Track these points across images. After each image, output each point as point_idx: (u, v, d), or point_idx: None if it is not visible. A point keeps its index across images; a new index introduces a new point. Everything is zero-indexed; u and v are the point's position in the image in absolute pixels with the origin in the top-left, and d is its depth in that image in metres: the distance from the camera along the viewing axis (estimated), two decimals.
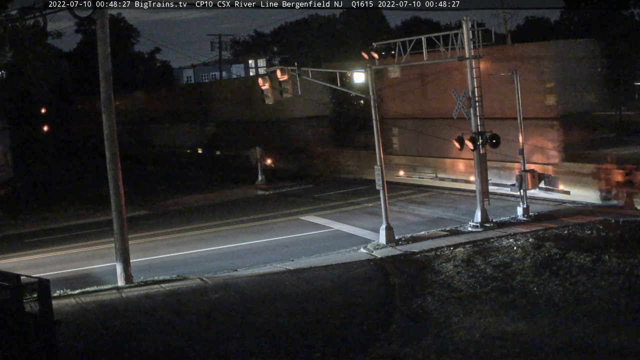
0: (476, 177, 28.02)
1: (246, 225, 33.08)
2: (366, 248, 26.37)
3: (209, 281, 23.28)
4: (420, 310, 19.19)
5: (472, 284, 20.74)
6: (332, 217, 33.03)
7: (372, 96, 27.32)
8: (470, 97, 27.41)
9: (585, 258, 21.71)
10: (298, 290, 21.65)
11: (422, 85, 39.05)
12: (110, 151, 23.94)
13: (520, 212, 28.78)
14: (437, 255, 24.42)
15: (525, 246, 23.97)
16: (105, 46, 23.66)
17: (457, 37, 27.40)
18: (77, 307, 21.11)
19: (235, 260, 26.48)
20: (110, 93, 23.85)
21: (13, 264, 27.37)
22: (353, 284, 22.02)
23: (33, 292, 17.08)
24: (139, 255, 26.67)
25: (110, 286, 23.44)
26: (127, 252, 24.02)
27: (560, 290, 19.41)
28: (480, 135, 27.36)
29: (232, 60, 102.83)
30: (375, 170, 27.36)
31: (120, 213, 24.09)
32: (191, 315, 19.81)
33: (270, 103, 30.16)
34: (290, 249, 27.48)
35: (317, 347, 17.03)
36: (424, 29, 71.45)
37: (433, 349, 16.15)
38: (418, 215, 32.08)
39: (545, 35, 62.32)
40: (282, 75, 28.78)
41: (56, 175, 57.61)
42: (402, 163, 40.04)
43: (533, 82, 32.95)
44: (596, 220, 26.98)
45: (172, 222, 34.97)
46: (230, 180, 47.51)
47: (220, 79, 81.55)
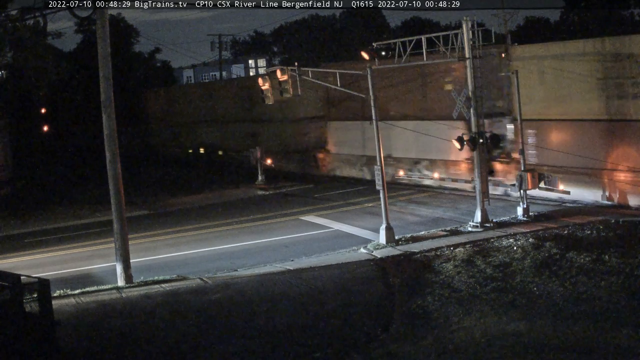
0: (476, 177, 28.03)
1: (246, 225, 33.08)
2: (366, 248, 26.37)
3: (209, 281, 23.28)
4: (420, 310, 19.18)
5: (472, 284, 20.73)
6: (332, 217, 33.04)
7: (372, 96, 27.31)
8: (470, 97, 27.42)
9: (585, 258, 21.70)
10: (298, 290, 21.65)
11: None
12: (110, 151, 23.94)
13: (520, 212, 28.78)
14: (437, 255, 24.41)
15: (525, 246, 23.97)
16: (105, 46, 23.67)
17: (457, 37, 27.40)
18: (77, 307, 21.12)
19: (235, 260, 26.48)
20: (110, 93, 23.86)
21: (13, 264, 27.38)
22: (353, 284, 22.02)
23: (33, 292, 17.11)
24: (139, 255, 26.68)
25: (110, 286, 23.44)
26: (127, 252, 24.02)
27: (560, 290, 19.40)
28: (480, 135, 27.37)
29: (232, 60, 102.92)
30: (375, 170, 27.36)
31: (120, 213, 24.10)
32: (191, 315, 19.81)
33: (270, 103, 30.18)
34: (290, 249, 27.48)
35: (317, 347, 17.03)
36: (424, 29, 71.59)
37: (433, 349, 16.14)
38: (418, 215, 32.08)
39: (545, 35, 62.48)
40: (282, 75, 28.78)
41: (56, 175, 57.60)
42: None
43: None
44: (596, 220, 26.98)
45: (172, 222, 34.98)
46: (231, 180, 47.50)
47: (220, 79, 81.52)
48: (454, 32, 27.55)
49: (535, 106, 32.27)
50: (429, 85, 38.17)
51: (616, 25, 59.26)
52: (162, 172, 56.27)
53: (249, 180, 45.60)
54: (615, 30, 51.44)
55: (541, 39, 52.39)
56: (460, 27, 27.48)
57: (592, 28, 58.75)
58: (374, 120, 27.16)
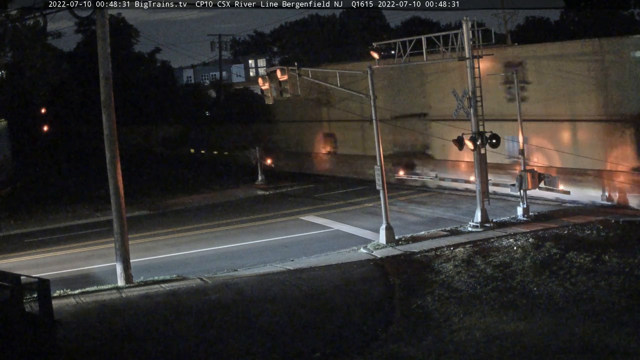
0: (476, 177, 28.02)
1: (246, 225, 33.09)
2: (366, 248, 26.37)
3: (209, 281, 23.28)
4: (420, 310, 19.19)
5: (472, 284, 20.74)
6: (332, 217, 33.04)
7: (372, 96, 27.31)
8: (470, 97, 27.42)
9: (585, 258, 21.70)
10: (298, 290, 21.65)
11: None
12: (110, 151, 23.94)
13: (520, 212, 28.78)
14: (437, 255, 24.41)
15: (525, 246, 23.97)
16: (105, 46, 23.67)
17: (457, 37, 27.40)
18: (77, 307, 21.12)
19: (235, 260, 26.48)
20: (110, 93, 23.86)
21: (13, 264, 27.39)
22: (353, 284, 22.02)
23: (33, 292, 17.13)
24: (139, 255, 26.69)
25: (110, 286, 23.45)
26: (127, 252, 24.02)
27: (560, 290, 19.41)
28: (480, 136, 27.36)
29: (232, 60, 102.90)
30: (375, 170, 27.36)
31: (120, 213, 24.10)
32: (191, 315, 19.81)
33: (270, 103, 30.17)
34: (290, 249, 27.48)
35: (317, 347, 17.03)
36: (424, 29, 71.55)
37: (433, 349, 16.14)
38: (418, 215, 32.08)
39: (545, 35, 62.42)
40: (282, 75, 28.77)
41: (56, 175, 57.59)
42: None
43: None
44: (596, 220, 26.98)
45: (172, 222, 34.98)
46: (231, 180, 47.49)
47: (220, 79, 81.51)
48: (454, 32, 27.55)
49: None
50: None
51: (616, 25, 59.25)
52: (162, 171, 56.23)
53: (249, 180, 45.59)
54: (615, 30, 51.47)
55: (541, 39, 52.37)
56: (460, 27, 27.48)
57: (592, 28, 58.75)
58: (374, 120, 27.16)
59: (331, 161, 46.38)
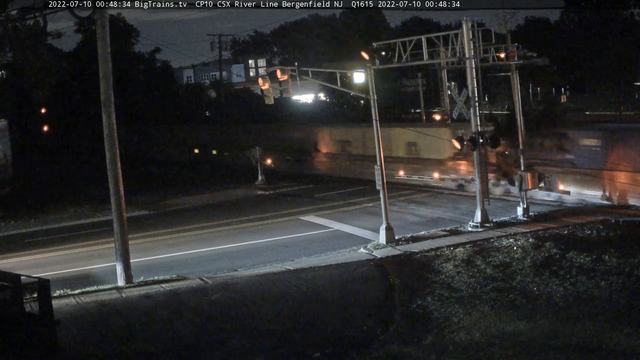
0: (476, 177, 28.01)
1: (246, 225, 33.08)
2: (366, 248, 26.36)
3: (209, 281, 23.28)
4: (420, 310, 19.18)
5: (472, 284, 20.74)
6: (332, 217, 33.03)
7: (372, 96, 27.31)
8: (470, 97, 27.41)
9: (585, 258, 21.69)
10: (298, 290, 21.65)
11: None
12: (110, 151, 23.92)
13: (520, 212, 28.77)
14: (437, 255, 24.40)
15: (525, 246, 23.96)
16: (105, 46, 23.66)
17: (457, 37, 27.39)
18: (77, 307, 21.10)
19: (235, 260, 26.48)
20: (110, 93, 23.85)
21: (13, 264, 27.37)
22: (353, 284, 22.01)
23: (33, 292, 17.15)
24: (139, 255, 26.67)
25: (110, 286, 23.43)
26: (127, 252, 24.01)
27: (560, 290, 19.41)
28: (480, 136, 27.35)
29: (232, 60, 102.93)
30: (375, 170, 27.35)
31: (120, 213, 24.09)
32: (191, 316, 19.81)
33: (270, 103, 30.17)
34: (290, 249, 27.48)
35: (317, 347, 17.03)
36: (424, 29, 71.53)
37: (433, 349, 16.14)
38: (418, 215, 32.08)
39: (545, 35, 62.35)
40: (282, 75, 28.75)
41: (56, 175, 57.58)
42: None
43: None
44: (596, 220, 26.98)
45: (172, 222, 34.97)
46: (231, 180, 47.48)
47: (220, 79, 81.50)
48: (454, 32, 27.53)
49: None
50: None
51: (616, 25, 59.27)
52: (162, 171, 56.23)
53: (249, 180, 45.57)
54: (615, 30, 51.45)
55: (541, 39, 52.35)
56: (460, 27, 27.47)
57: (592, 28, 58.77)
58: (374, 120, 27.16)
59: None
